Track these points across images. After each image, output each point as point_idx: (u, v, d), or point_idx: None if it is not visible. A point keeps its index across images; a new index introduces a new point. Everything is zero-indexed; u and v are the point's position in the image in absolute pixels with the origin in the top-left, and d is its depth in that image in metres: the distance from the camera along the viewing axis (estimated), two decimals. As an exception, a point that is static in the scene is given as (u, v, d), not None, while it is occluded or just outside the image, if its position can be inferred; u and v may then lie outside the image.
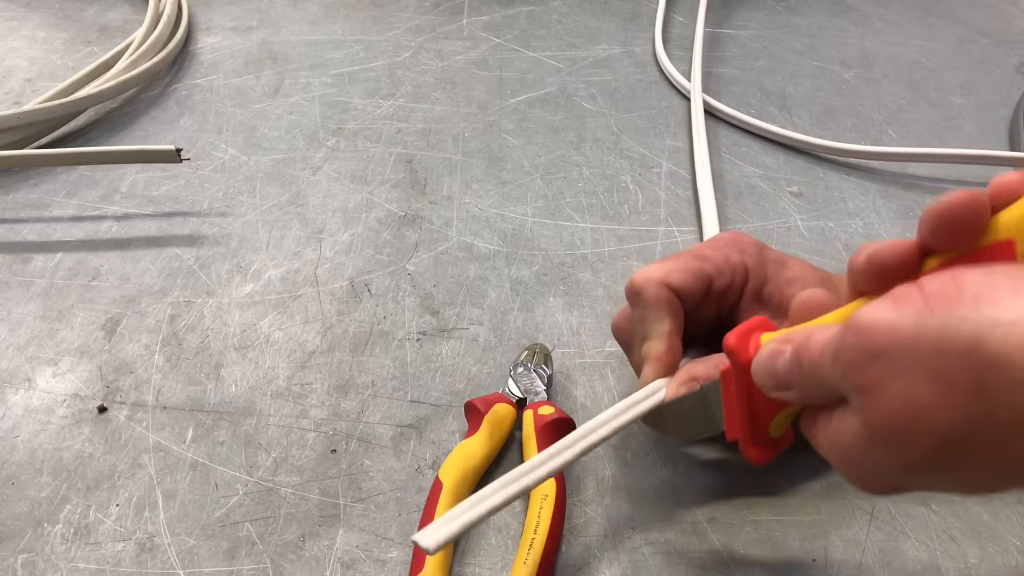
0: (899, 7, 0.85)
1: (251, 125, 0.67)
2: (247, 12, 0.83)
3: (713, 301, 0.39)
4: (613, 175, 0.62)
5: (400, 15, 0.82)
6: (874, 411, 0.25)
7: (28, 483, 0.41)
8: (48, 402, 0.45)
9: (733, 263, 0.39)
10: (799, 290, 0.37)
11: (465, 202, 0.59)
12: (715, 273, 0.39)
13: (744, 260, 0.39)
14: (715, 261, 0.39)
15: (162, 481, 0.41)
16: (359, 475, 0.42)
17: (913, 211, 0.59)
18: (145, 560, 0.38)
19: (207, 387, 0.46)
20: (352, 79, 0.73)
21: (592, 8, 0.84)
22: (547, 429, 0.41)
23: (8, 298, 0.52)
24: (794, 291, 0.38)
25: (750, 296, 0.39)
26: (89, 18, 0.82)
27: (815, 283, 0.39)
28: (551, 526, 0.37)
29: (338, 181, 0.61)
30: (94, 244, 0.56)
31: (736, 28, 0.81)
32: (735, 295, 0.39)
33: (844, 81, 0.73)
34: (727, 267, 0.39)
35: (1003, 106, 0.70)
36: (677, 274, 0.38)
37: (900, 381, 0.24)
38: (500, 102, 0.70)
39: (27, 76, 0.73)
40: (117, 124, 0.67)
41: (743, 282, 0.39)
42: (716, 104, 0.68)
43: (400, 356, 0.48)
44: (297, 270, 0.53)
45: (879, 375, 0.24)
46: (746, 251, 0.40)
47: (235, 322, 0.50)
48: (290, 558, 0.38)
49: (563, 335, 0.49)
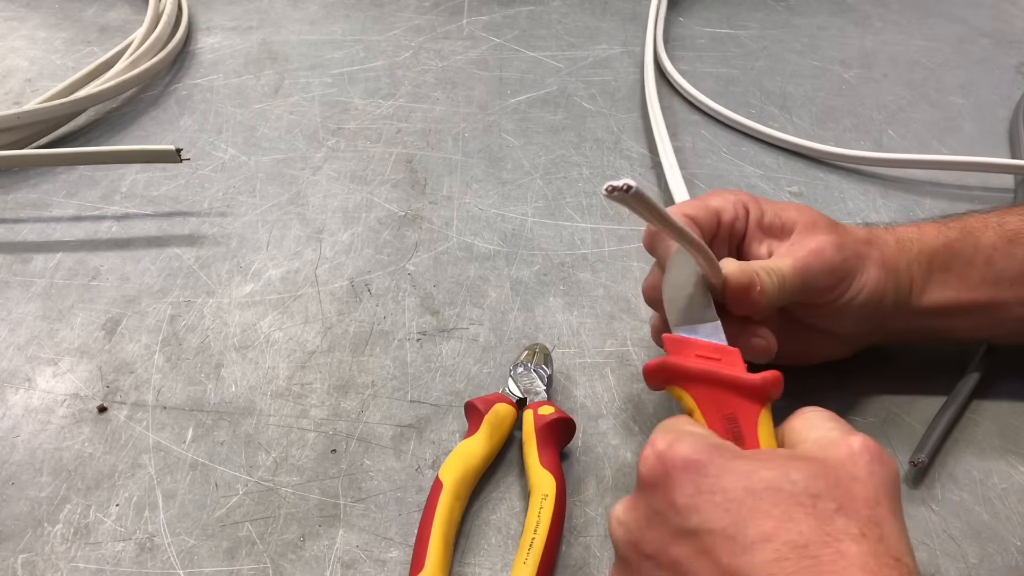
0: (899, 7, 0.85)
1: (251, 125, 0.67)
2: (247, 12, 0.83)
3: (724, 235, 0.42)
4: (613, 175, 0.62)
5: (400, 15, 0.82)
6: None
7: (28, 483, 0.41)
8: (48, 402, 0.45)
9: (733, 202, 0.43)
10: (795, 212, 0.42)
11: (465, 202, 0.59)
12: (721, 208, 0.42)
13: (741, 199, 0.43)
14: (717, 200, 0.42)
15: (162, 481, 0.41)
16: (359, 475, 0.42)
17: (913, 211, 0.59)
18: (145, 560, 0.38)
19: (207, 387, 0.46)
20: (352, 79, 0.73)
21: (592, 8, 0.84)
22: (547, 429, 0.41)
23: (8, 298, 0.52)
24: (791, 213, 0.42)
25: (754, 226, 0.42)
26: (89, 18, 0.82)
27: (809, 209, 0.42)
28: (551, 526, 0.37)
29: (338, 181, 0.61)
30: (94, 244, 0.56)
31: (736, 28, 0.81)
32: (741, 227, 0.42)
33: (844, 81, 0.73)
34: (729, 205, 0.42)
35: (1003, 106, 0.70)
36: (689, 207, 0.42)
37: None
38: (500, 102, 0.70)
39: (27, 76, 0.73)
40: (117, 124, 0.67)
41: (746, 215, 0.42)
42: (716, 107, 0.68)
43: (400, 356, 0.48)
44: (297, 270, 0.53)
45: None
46: (742, 196, 0.43)
47: (235, 322, 0.50)
48: (290, 558, 0.38)
49: (563, 335, 0.49)
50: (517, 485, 0.41)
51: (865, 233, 0.42)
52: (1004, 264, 0.42)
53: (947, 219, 0.44)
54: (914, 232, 0.43)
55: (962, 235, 0.42)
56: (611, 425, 0.44)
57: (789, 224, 0.41)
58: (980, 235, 0.42)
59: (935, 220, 0.44)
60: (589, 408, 0.45)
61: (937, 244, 0.42)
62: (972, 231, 0.42)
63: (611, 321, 0.50)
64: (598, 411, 0.45)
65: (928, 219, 0.45)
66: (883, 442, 0.43)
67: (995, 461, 0.42)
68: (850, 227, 0.42)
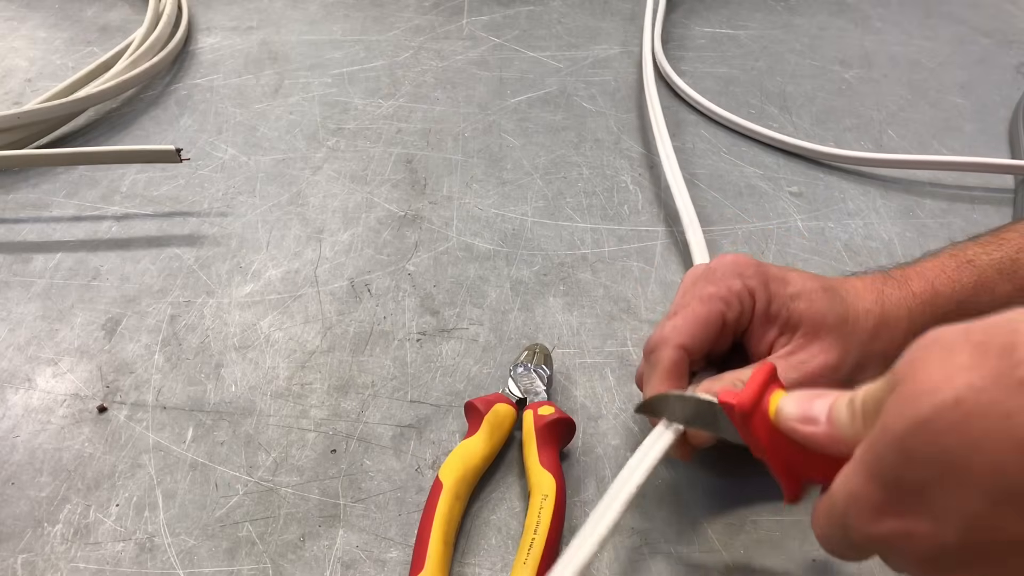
0: (899, 7, 0.85)
1: (251, 125, 0.67)
2: (247, 12, 0.83)
3: (727, 332, 0.40)
4: (613, 175, 0.62)
5: (400, 15, 0.82)
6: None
7: (28, 483, 0.41)
8: (48, 402, 0.45)
9: (738, 292, 0.39)
10: (804, 304, 0.38)
11: (465, 202, 0.59)
12: (726, 309, 0.39)
13: (747, 285, 0.39)
14: (722, 296, 0.39)
15: (162, 481, 0.41)
16: (359, 475, 0.42)
17: (913, 211, 0.59)
18: (145, 560, 0.38)
19: (207, 387, 0.46)
20: (352, 79, 0.73)
21: (592, 8, 0.84)
22: (547, 429, 0.41)
23: (8, 298, 0.52)
24: (799, 306, 0.39)
25: (760, 317, 0.40)
26: (89, 18, 0.82)
27: (818, 293, 0.39)
28: (551, 526, 0.37)
29: (338, 181, 0.61)
30: (94, 244, 0.56)
31: (736, 28, 0.81)
32: (746, 320, 0.40)
33: (844, 81, 0.73)
34: (734, 298, 0.39)
35: (1003, 106, 0.70)
36: (691, 331, 0.39)
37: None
38: (500, 102, 0.70)
39: (27, 76, 0.73)
40: (117, 124, 0.67)
41: (751, 307, 0.40)
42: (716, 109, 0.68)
43: (400, 356, 0.48)
44: (297, 270, 0.53)
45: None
46: (746, 275, 0.40)
47: (235, 322, 0.50)
48: (290, 558, 0.38)
49: (563, 335, 0.49)
50: (517, 485, 0.41)
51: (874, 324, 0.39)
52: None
53: (960, 255, 0.41)
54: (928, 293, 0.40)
55: (975, 291, 0.40)
56: (611, 425, 0.44)
57: (795, 318, 0.39)
58: (995, 287, 0.40)
59: (952, 258, 0.41)
60: (589, 408, 0.45)
61: (950, 307, 0.40)
62: (986, 283, 0.40)
63: (611, 321, 0.50)
64: (598, 411, 0.45)
65: (945, 252, 0.42)
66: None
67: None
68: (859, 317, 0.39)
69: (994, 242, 0.41)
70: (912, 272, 0.41)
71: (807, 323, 0.38)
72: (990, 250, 0.41)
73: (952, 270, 0.41)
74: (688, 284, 0.41)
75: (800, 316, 0.38)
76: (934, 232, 0.57)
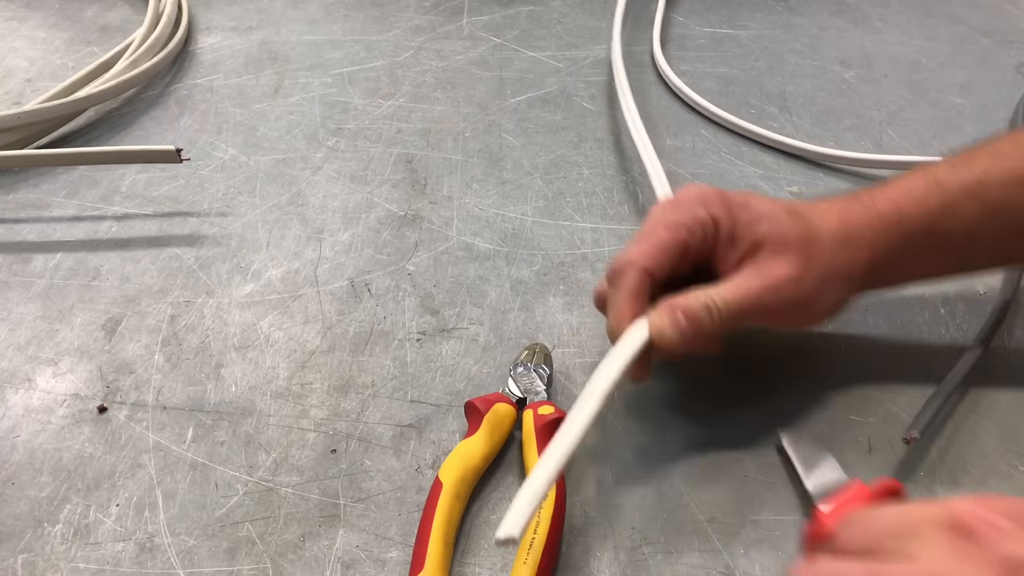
0: (899, 7, 0.85)
1: (251, 125, 0.67)
2: (247, 12, 0.83)
3: (690, 258, 0.41)
4: (613, 175, 0.62)
5: (400, 15, 0.82)
6: None
7: (28, 483, 0.41)
8: (48, 402, 0.45)
9: (702, 220, 0.41)
10: (767, 226, 0.40)
11: (465, 202, 0.59)
12: (689, 236, 0.40)
13: (711, 212, 0.41)
14: (686, 224, 0.41)
15: (162, 481, 0.41)
16: (359, 475, 0.42)
17: (913, 211, 0.59)
18: (145, 560, 0.38)
19: (207, 387, 0.46)
20: (352, 79, 0.73)
21: (592, 8, 0.84)
22: (547, 429, 0.41)
23: (8, 298, 0.52)
24: (763, 228, 0.40)
25: (725, 241, 0.41)
26: (89, 18, 0.82)
27: (781, 215, 0.40)
28: (551, 526, 0.37)
29: (338, 181, 0.61)
30: (94, 244, 0.56)
31: (736, 28, 0.81)
32: (709, 247, 0.41)
33: (844, 81, 0.73)
34: (697, 226, 0.41)
35: (1003, 106, 0.70)
36: (655, 255, 0.40)
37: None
38: (500, 102, 0.70)
39: (27, 76, 0.73)
40: (117, 124, 0.67)
41: (714, 234, 0.41)
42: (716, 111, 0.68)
43: (400, 356, 0.48)
44: (297, 270, 0.53)
45: None
46: (710, 203, 0.41)
47: (235, 322, 0.50)
48: (290, 558, 0.38)
49: (563, 335, 0.49)
50: (517, 485, 0.41)
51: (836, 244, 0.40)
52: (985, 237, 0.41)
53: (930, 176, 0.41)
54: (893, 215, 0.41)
55: (942, 213, 0.40)
56: (611, 425, 0.44)
57: (759, 239, 0.40)
58: (962, 209, 0.40)
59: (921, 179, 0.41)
60: (589, 408, 0.45)
61: (915, 228, 0.40)
62: (953, 205, 0.40)
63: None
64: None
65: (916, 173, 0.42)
66: (883, 442, 0.43)
67: (994, 462, 0.42)
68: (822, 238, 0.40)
69: (964, 163, 0.41)
70: (879, 194, 0.42)
71: (771, 242, 0.40)
72: (960, 171, 0.41)
73: (920, 192, 0.41)
74: (656, 214, 0.42)
75: (764, 237, 0.40)
76: (934, 232, 0.57)
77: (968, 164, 0.41)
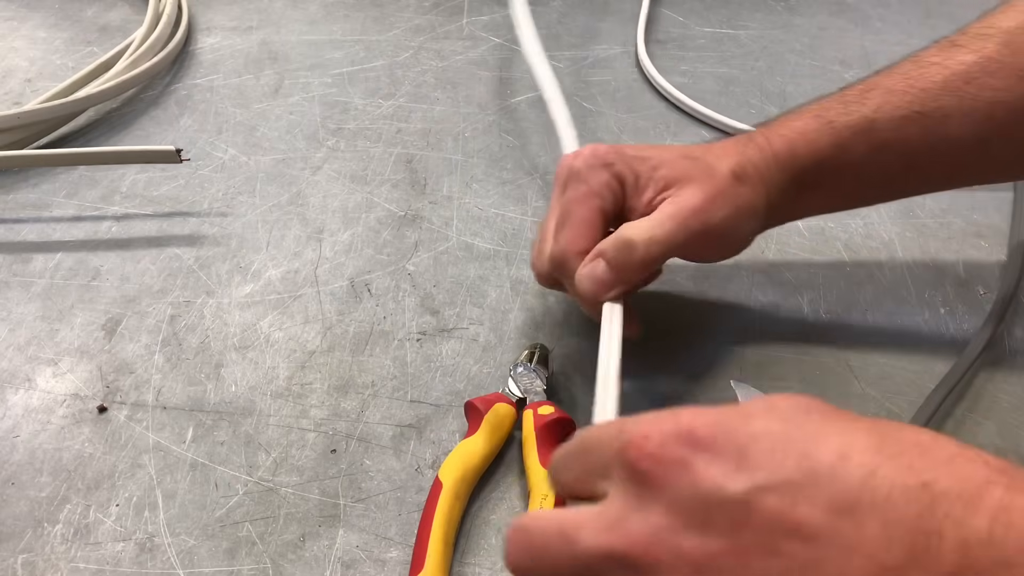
0: (899, 7, 0.85)
1: (251, 125, 0.67)
2: (247, 12, 0.83)
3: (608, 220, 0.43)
4: (613, 175, 0.62)
5: (400, 15, 0.82)
6: None
7: (28, 483, 0.41)
8: (48, 402, 0.45)
9: (608, 182, 0.42)
10: (667, 170, 0.42)
11: (465, 202, 0.59)
12: (602, 203, 0.42)
13: (614, 172, 0.42)
14: (596, 192, 0.42)
15: (162, 481, 0.41)
16: (359, 475, 0.42)
17: (913, 211, 0.59)
18: (145, 560, 0.38)
19: (207, 387, 0.46)
20: (352, 79, 0.73)
21: (592, 8, 0.84)
22: (547, 429, 0.41)
23: (8, 298, 0.52)
24: (664, 172, 0.42)
25: (632, 194, 0.43)
26: (89, 18, 0.82)
27: (678, 160, 0.42)
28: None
29: (338, 181, 0.61)
30: (94, 244, 0.56)
31: (736, 28, 0.81)
32: (619, 205, 0.43)
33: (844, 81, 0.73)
34: (606, 191, 0.42)
35: (1003, 106, 0.70)
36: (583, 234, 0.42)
37: None
38: (500, 102, 0.70)
39: (27, 76, 0.73)
40: (117, 124, 0.67)
41: (622, 192, 0.43)
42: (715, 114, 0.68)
43: (400, 356, 0.48)
44: (297, 270, 0.53)
45: None
46: (610, 163, 0.43)
47: (235, 322, 0.50)
48: (290, 558, 0.38)
49: (563, 335, 0.49)
50: (517, 485, 0.41)
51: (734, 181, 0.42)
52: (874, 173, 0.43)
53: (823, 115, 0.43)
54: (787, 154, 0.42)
55: (833, 151, 0.42)
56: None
57: (662, 183, 0.42)
58: (851, 148, 0.42)
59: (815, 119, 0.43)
60: (589, 408, 0.45)
61: (808, 166, 0.42)
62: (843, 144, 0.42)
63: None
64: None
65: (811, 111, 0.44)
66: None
67: (995, 461, 0.42)
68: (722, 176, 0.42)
69: (856, 101, 0.43)
70: (774, 133, 0.43)
71: (676, 182, 0.41)
72: (851, 109, 0.42)
73: (812, 131, 0.42)
74: (560, 187, 0.44)
75: (666, 179, 0.42)
76: (934, 232, 0.57)
77: (860, 103, 0.42)
